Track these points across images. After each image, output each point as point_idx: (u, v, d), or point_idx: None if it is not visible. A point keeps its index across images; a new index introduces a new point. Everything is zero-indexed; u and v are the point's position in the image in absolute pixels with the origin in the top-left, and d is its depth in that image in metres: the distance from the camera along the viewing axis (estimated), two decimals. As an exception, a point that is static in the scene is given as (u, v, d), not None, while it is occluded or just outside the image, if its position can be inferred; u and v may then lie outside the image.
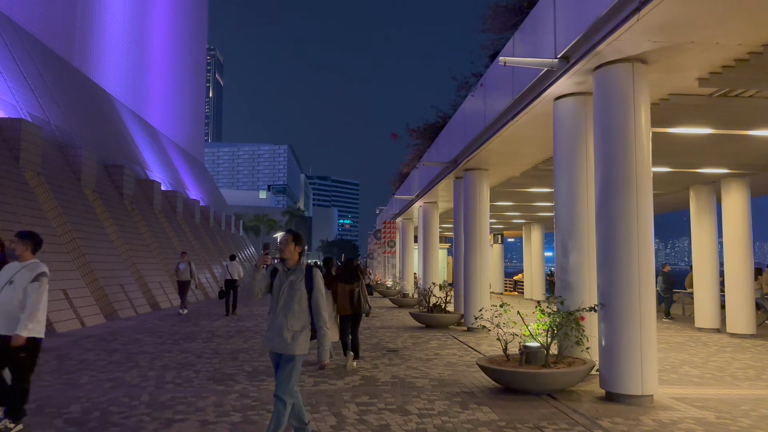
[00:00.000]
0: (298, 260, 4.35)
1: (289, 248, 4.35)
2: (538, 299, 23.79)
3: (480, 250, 12.36)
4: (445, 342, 10.54)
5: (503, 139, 9.93)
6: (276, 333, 4.21)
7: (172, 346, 9.77)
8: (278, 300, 4.26)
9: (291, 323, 4.20)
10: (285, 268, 4.35)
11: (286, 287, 4.27)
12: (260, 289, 4.37)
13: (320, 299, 4.26)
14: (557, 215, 7.50)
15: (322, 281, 4.36)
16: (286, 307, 4.22)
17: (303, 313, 4.22)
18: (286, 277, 4.31)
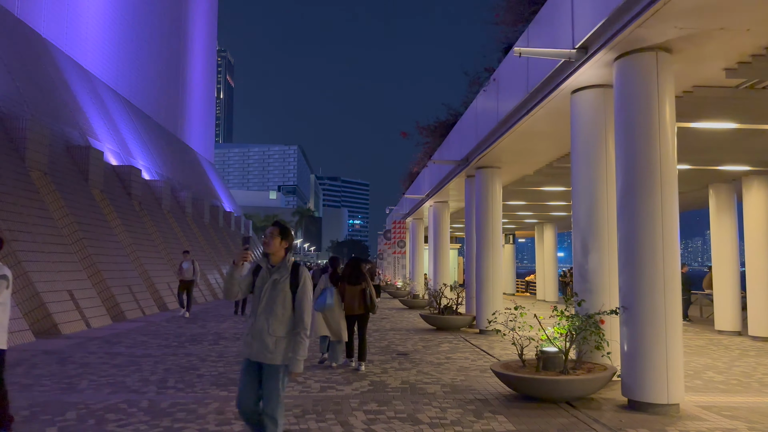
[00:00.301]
0: (283, 257, 3.91)
1: (275, 243, 3.89)
2: (550, 300, 23.38)
3: (492, 250, 12.03)
4: (457, 345, 10.23)
5: (517, 135, 9.60)
6: (256, 339, 3.76)
7: (177, 348, 9.53)
8: (260, 301, 3.84)
9: (273, 328, 3.76)
10: (269, 265, 3.91)
11: (269, 287, 3.84)
12: (239, 288, 3.93)
13: (305, 302, 3.81)
14: (575, 214, 7.17)
15: (310, 281, 3.93)
16: (268, 310, 3.80)
17: (287, 317, 3.80)
18: (270, 275, 3.88)
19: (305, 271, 3.86)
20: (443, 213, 18.59)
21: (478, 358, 8.86)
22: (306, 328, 3.78)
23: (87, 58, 23.91)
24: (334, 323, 7.84)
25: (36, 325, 11.20)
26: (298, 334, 3.76)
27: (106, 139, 21.59)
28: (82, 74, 22.75)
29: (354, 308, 7.89)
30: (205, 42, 46.62)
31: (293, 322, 3.80)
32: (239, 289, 3.94)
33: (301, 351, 3.75)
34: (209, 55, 48.56)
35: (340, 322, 7.85)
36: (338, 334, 7.88)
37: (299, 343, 3.75)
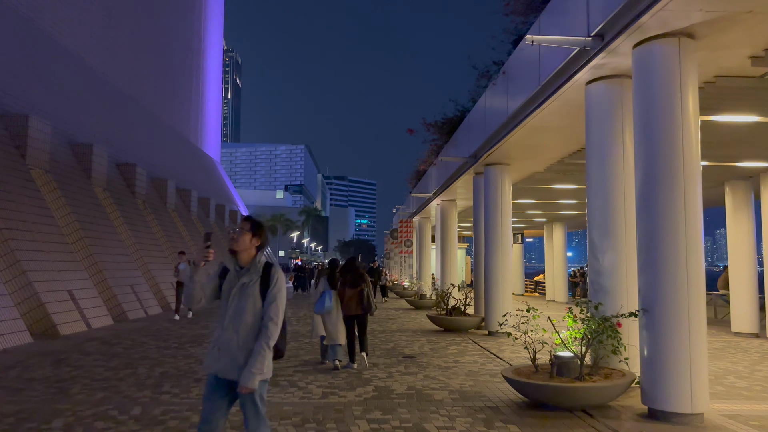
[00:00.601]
0: (254, 257, 3.33)
1: (244, 239, 3.30)
2: (560, 301, 22.98)
3: (502, 249, 11.68)
4: (465, 348, 9.89)
5: (527, 130, 9.25)
6: (224, 353, 3.20)
7: (176, 350, 9.26)
8: (227, 308, 3.27)
9: (244, 339, 3.20)
10: (237, 266, 3.34)
11: (237, 292, 3.26)
12: (202, 293, 3.31)
13: (272, 308, 3.22)
14: (590, 211, 6.82)
15: (284, 285, 3.36)
16: (237, 318, 3.22)
17: (256, 322, 3.23)
18: (238, 278, 3.31)
19: (279, 273, 3.33)
20: (451, 212, 18.24)
21: (488, 361, 8.52)
22: (270, 338, 3.18)
23: (92, 55, 23.74)
24: (331, 326, 7.78)
25: (34, 325, 10.96)
26: (260, 343, 3.15)
27: (110, 136, 21.39)
28: (87, 72, 22.57)
29: (352, 309, 7.84)
30: (211, 39, 46.47)
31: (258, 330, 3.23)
32: (202, 294, 3.34)
33: (258, 364, 3.11)
34: (216, 52, 48.42)
35: (338, 325, 7.79)
36: (334, 338, 7.77)
37: (258, 354, 3.12)
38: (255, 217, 3.48)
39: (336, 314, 7.84)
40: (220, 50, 50.48)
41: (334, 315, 7.82)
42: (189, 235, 24.23)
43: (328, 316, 7.80)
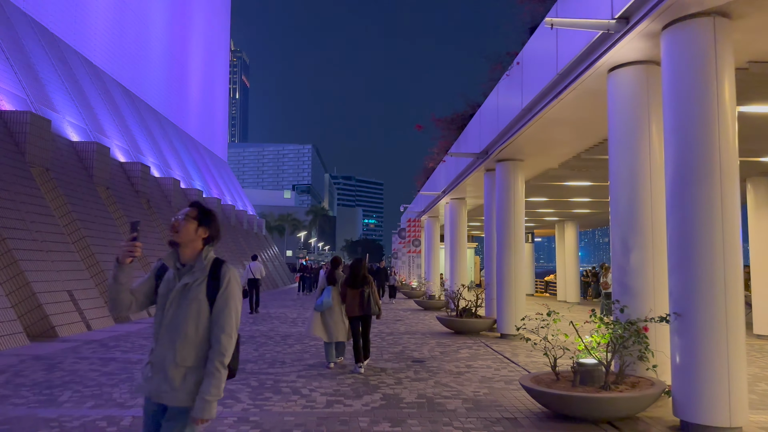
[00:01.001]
0: (199, 252, 2.68)
1: (187, 229, 2.64)
2: (572, 301, 22.47)
3: (514, 249, 11.23)
4: (477, 351, 9.45)
5: (543, 123, 8.81)
6: (157, 370, 2.56)
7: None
8: (163, 316, 2.62)
9: (182, 354, 2.55)
10: (178, 263, 2.69)
11: (177, 295, 2.61)
12: (130, 297, 2.66)
13: (225, 316, 2.57)
14: (614, 208, 6.37)
15: (238, 287, 2.70)
16: (174, 329, 2.57)
17: (202, 339, 2.59)
18: (178, 278, 2.66)
19: (231, 273, 2.65)
20: (460, 210, 17.80)
21: (502, 366, 8.08)
22: (225, 354, 2.54)
23: (96, 54, 23.50)
24: (330, 323, 7.72)
25: (32, 327, 10.65)
26: (212, 362, 2.52)
27: (114, 135, 21.13)
28: (91, 70, 22.34)
29: (355, 310, 7.68)
30: (218, 38, 46.23)
31: (209, 342, 2.59)
32: (131, 298, 2.66)
33: (214, 389, 2.50)
34: (222, 51, 48.18)
35: (338, 323, 7.72)
36: (333, 335, 7.72)
37: (212, 376, 2.50)
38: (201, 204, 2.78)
39: (337, 311, 7.76)
40: (226, 49, 50.26)
41: (335, 312, 7.74)
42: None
43: (329, 314, 7.72)
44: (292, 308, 18.08)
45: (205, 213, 2.71)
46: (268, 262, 38.66)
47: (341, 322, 7.77)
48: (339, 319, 7.76)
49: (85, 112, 19.32)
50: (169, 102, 33.35)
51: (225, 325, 2.56)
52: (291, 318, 14.88)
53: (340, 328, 7.74)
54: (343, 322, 7.79)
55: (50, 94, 17.16)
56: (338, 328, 7.74)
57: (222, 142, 48.08)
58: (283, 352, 9.12)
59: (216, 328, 2.57)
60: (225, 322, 2.56)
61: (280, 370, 7.57)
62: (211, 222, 2.72)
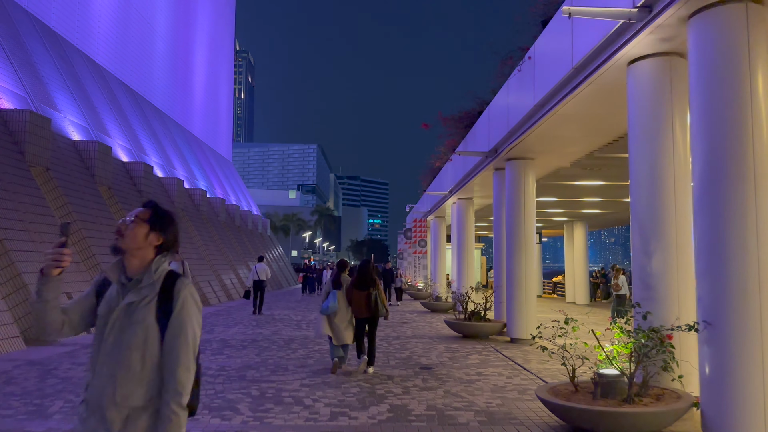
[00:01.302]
0: (149, 263, 2.13)
1: (135, 234, 2.12)
2: (581, 303, 22.08)
3: (525, 250, 10.89)
4: (488, 357, 9.11)
5: (556, 120, 8.46)
6: (92, 410, 2.02)
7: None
8: (103, 342, 2.07)
9: (123, 391, 2.00)
10: (123, 275, 2.14)
11: (119, 316, 2.07)
12: (64, 317, 2.10)
13: (181, 345, 2.03)
14: (635, 208, 6.03)
15: (197, 308, 2.11)
16: (114, 359, 2.02)
17: (150, 372, 2.03)
18: (122, 295, 2.11)
19: (187, 290, 2.11)
20: (468, 210, 17.45)
21: (514, 374, 7.74)
22: (181, 393, 2.00)
23: (99, 53, 23.29)
24: (340, 327, 7.61)
25: (29, 331, 10.38)
26: (167, 405, 1.99)
27: (116, 134, 20.90)
28: (94, 69, 22.12)
29: (362, 311, 7.65)
30: (221, 37, 46.03)
31: (161, 382, 2.04)
32: (63, 318, 2.10)
33: None
34: (226, 50, 47.98)
35: (346, 327, 7.62)
36: (340, 338, 7.59)
37: (167, 422, 1.98)
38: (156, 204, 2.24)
39: (344, 314, 7.66)
40: (231, 48, 50.06)
41: (342, 315, 7.64)
42: (199, 236, 23.68)
43: (335, 316, 7.62)
44: (296, 310, 17.79)
45: (159, 215, 2.20)
46: (273, 262, 38.41)
47: (349, 326, 7.66)
48: (346, 322, 7.65)
49: (87, 111, 19.08)
50: (174, 102, 33.14)
51: (180, 356, 2.02)
52: (295, 320, 14.58)
53: (345, 331, 7.62)
54: (351, 324, 7.69)
55: (51, 92, 16.94)
56: (346, 331, 7.62)
57: (227, 141, 47.88)
58: (286, 358, 8.81)
59: (169, 359, 2.02)
60: (180, 351, 2.03)
61: (283, 378, 7.26)
62: (167, 226, 2.19)
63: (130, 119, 23.70)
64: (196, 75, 38.03)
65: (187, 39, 36.19)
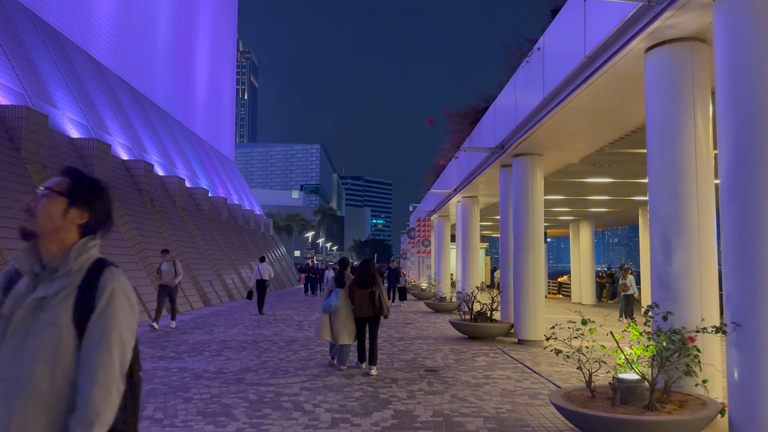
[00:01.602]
0: (69, 247, 1.65)
1: (49, 210, 1.65)
2: (587, 304, 21.73)
3: (533, 249, 10.56)
4: (495, 359, 8.79)
5: (566, 113, 8.14)
6: None
7: (171, 361, 8.30)
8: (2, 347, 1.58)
9: (23, 419, 1.50)
10: (37, 264, 1.66)
11: (24, 317, 1.58)
12: None
13: (102, 353, 1.55)
14: (654, 203, 5.69)
15: (131, 307, 1.65)
16: (14, 374, 1.53)
17: (62, 386, 1.55)
18: (33, 287, 1.63)
19: (117, 282, 1.63)
20: (473, 209, 17.12)
21: (523, 377, 7.42)
22: (93, 422, 1.50)
23: (100, 51, 23.06)
24: (338, 325, 7.57)
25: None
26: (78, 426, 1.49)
27: (116, 132, 20.64)
28: (94, 67, 21.88)
29: (364, 311, 7.58)
30: (223, 36, 45.81)
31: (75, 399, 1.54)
32: None
33: None
34: (228, 49, 47.75)
35: (345, 325, 7.55)
36: (340, 338, 7.54)
37: None
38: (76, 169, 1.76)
39: (344, 314, 7.60)
40: (233, 47, 49.84)
41: (342, 315, 7.59)
42: (200, 235, 23.43)
43: (336, 316, 7.59)
44: (299, 310, 17.50)
45: (82, 186, 1.69)
46: (276, 262, 38.15)
47: (347, 325, 7.58)
48: (345, 322, 7.58)
49: (87, 108, 18.83)
50: (176, 100, 32.90)
51: (98, 370, 1.52)
52: (297, 321, 14.28)
53: (344, 331, 7.55)
54: (350, 324, 7.61)
55: (50, 89, 16.68)
56: (343, 331, 7.55)
57: (229, 141, 47.64)
58: (286, 360, 8.51)
59: (83, 375, 1.52)
60: (99, 364, 1.53)
61: (282, 381, 6.96)
62: (93, 200, 1.70)
63: (131, 117, 23.45)
64: (198, 73, 37.80)
65: (189, 37, 35.95)
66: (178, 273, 12.23)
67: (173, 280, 12.13)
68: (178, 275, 12.25)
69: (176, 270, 12.20)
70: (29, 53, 16.42)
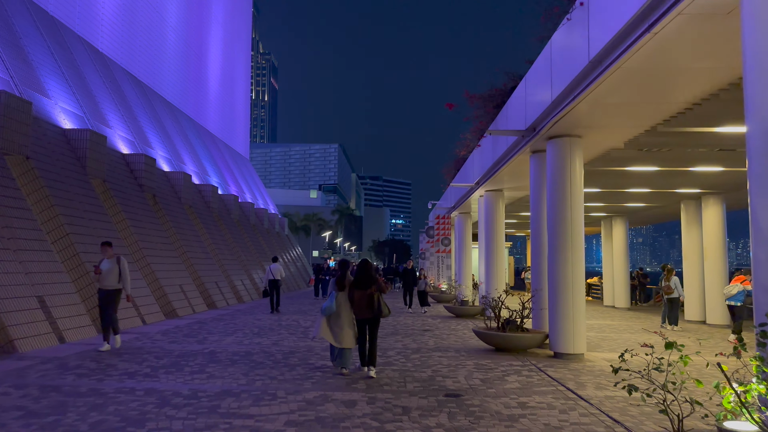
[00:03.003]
0: None
1: None
2: (621, 307, 20.04)
3: (571, 247, 9.04)
4: (530, 379, 7.30)
5: (617, 78, 6.64)
6: None
7: (142, 380, 6.98)
8: None
9: None
10: None
11: None
12: None
13: None
14: (754, 186, 4.17)
15: None
16: None
17: None
18: None
19: None
20: (497, 204, 15.57)
21: (568, 405, 5.93)
22: None
23: (103, 41, 22.02)
24: (336, 328, 7.41)
25: None
26: None
27: (117, 125, 19.54)
28: (95, 56, 20.83)
29: (363, 312, 7.42)
30: (237, 30, 44.81)
31: None
32: None
33: None
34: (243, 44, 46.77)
35: (344, 329, 7.38)
36: (340, 341, 7.36)
37: None
38: None
39: (344, 317, 7.43)
40: (248, 43, 48.86)
41: (341, 318, 7.42)
42: (208, 234, 22.26)
43: (334, 319, 7.44)
44: (308, 314, 16.15)
45: None
46: (290, 264, 36.94)
47: (348, 329, 7.40)
48: (346, 325, 7.41)
49: (84, 99, 17.72)
50: (186, 95, 31.86)
51: None
52: (303, 327, 12.94)
53: (346, 334, 7.38)
54: (351, 328, 7.43)
55: (42, 77, 15.58)
56: (344, 334, 7.38)
57: (243, 138, 46.61)
58: (279, 378, 7.14)
59: None
60: None
61: (266, 410, 5.58)
62: None
63: (135, 110, 22.36)
64: (210, 68, 36.77)
65: (200, 30, 34.93)
66: (123, 276, 9.41)
67: (118, 284, 9.30)
68: (124, 278, 9.36)
69: (122, 270, 9.38)
70: (20, 39, 15.35)
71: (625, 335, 12.38)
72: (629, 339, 11.61)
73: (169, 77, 29.18)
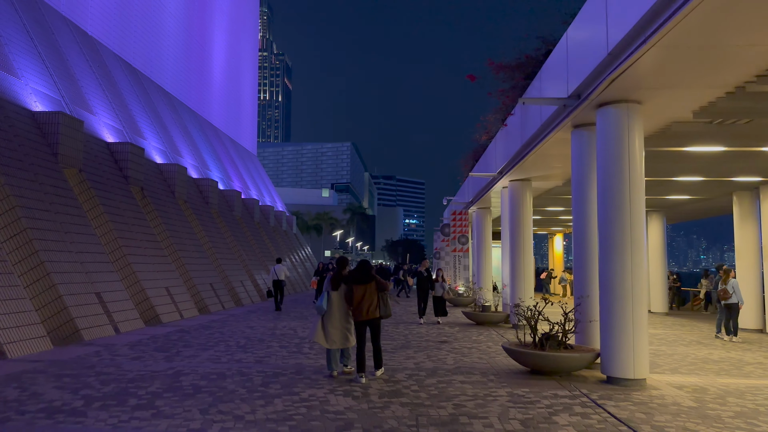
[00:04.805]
0: None
1: None
2: (658, 312, 18.01)
3: (631, 244, 7.09)
4: (587, 419, 5.38)
5: (702, 15, 4.73)
6: None
7: (59, 422, 5.18)
8: None
9: None
10: None
11: None
12: None
13: None
14: None
15: None
16: None
17: None
18: None
19: None
20: (523, 196, 13.59)
21: (660, 475, 4.02)
22: None
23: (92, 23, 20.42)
24: (331, 328, 7.16)
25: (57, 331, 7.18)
26: None
27: (102, 112, 17.88)
28: (82, 38, 19.22)
29: (363, 313, 7.06)
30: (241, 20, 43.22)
31: None
32: None
33: None
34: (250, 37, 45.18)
35: (337, 328, 7.16)
36: (333, 341, 7.14)
37: None
38: None
39: (337, 317, 7.21)
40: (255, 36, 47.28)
41: (335, 317, 7.20)
42: (204, 232, 20.57)
43: (328, 318, 7.21)
44: (308, 321, 14.33)
45: None
46: (299, 264, 35.22)
47: (340, 329, 7.19)
48: (338, 325, 7.19)
49: (63, 81, 16.05)
50: (188, 86, 30.25)
51: None
52: (298, 338, 11.12)
53: (337, 334, 7.17)
54: (343, 328, 7.21)
55: (12, 57, 13.92)
56: (335, 334, 7.17)
57: (251, 133, 44.96)
58: (246, 420, 5.30)
59: None
60: None
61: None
62: None
63: (126, 97, 20.69)
64: (215, 58, 35.15)
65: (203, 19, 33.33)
66: None
67: None
68: None
69: None
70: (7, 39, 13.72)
71: (680, 348, 10.42)
72: (688, 354, 9.64)
73: (168, 66, 27.57)
